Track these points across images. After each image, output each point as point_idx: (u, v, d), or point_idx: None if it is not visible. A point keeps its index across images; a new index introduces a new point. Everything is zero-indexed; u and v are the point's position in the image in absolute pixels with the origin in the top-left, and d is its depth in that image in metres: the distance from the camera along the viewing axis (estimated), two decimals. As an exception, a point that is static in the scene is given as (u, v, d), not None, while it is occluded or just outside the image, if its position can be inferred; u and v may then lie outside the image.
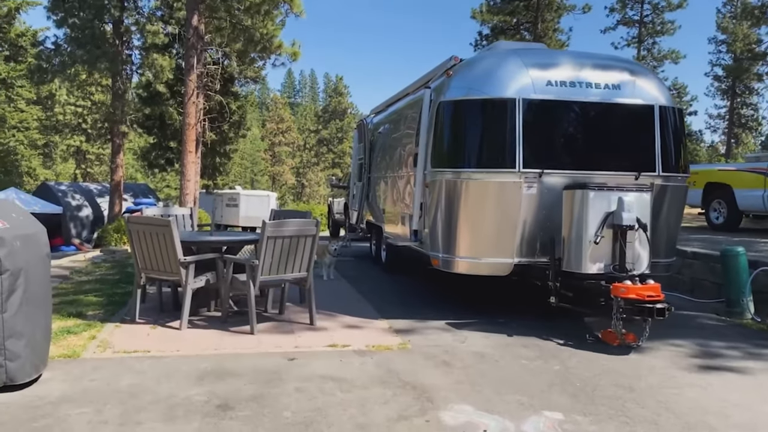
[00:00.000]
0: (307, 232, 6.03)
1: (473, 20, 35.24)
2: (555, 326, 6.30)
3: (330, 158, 65.87)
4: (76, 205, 22.48)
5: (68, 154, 44.83)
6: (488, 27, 35.76)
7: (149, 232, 6.01)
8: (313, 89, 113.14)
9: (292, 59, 22.78)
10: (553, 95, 6.33)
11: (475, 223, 6.42)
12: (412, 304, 7.38)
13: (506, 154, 6.28)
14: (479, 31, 36.08)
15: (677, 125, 6.65)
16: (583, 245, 5.77)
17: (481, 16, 35.26)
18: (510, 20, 35.56)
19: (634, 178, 6.37)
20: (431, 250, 6.81)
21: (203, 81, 19.03)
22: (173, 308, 6.78)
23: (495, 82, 6.37)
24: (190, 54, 17.93)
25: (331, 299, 7.49)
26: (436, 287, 8.59)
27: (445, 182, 6.57)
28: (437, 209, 6.70)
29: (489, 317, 6.68)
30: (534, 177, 6.24)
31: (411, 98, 8.44)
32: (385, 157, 9.65)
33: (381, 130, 10.24)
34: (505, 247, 6.34)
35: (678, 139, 6.65)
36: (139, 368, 4.74)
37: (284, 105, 71.44)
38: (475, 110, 6.48)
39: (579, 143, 6.43)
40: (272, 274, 5.95)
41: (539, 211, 6.31)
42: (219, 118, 21.56)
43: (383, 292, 8.18)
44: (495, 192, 6.31)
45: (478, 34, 35.85)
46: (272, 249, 5.83)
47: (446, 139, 6.74)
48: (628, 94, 6.48)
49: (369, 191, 10.67)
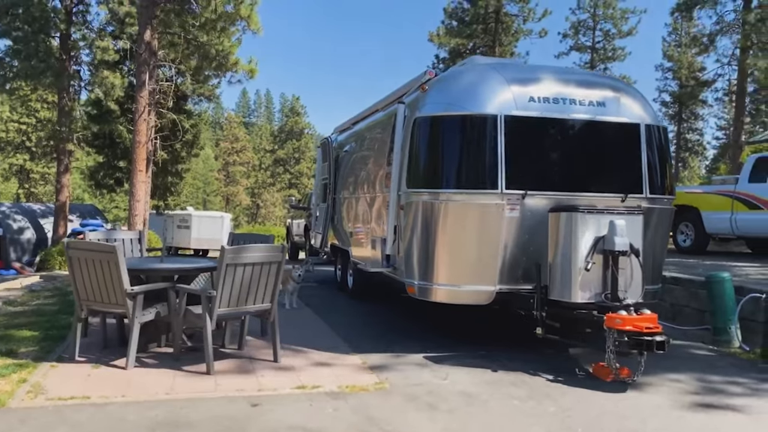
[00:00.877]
0: (271, 259, 5.44)
1: (431, 43, 35.29)
2: (541, 359, 5.85)
3: (286, 179, 65.00)
4: (17, 227, 21.19)
5: (10, 173, 42.85)
6: (446, 50, 35.88)
7: (91, 259, 5.32)
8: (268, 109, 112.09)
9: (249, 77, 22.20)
10: (536, 112, 5.96)
11: (454, 247, 5.96)
12: (385, 336, 6.83)
13: (487, 174, 5.85)
14: (436, 54, 36.16)
15: (663, 144, 6.36)
16: (571, 272, 5.35)
17: (438, 39, 35.33)
18: (467, 43, 35.77)
19: (620, 200, 6.03)
20: (406, 277, 6.31)
21: (155, 98, 18.30)
22: (119, 343, 6.05)
23: (475, 97, 5.96)
24: (142, 70, 17.23)
25: (295, 331, 6.87)
26: (410, 316, 8.06)
27: (422, 204, 6.10)
28: (413, 233, 6.21)
29: (469, 349, 6.19)
30: (517, 199, 5.82)
31: (382, 114, 7.98)
32: (352, 177, 9.14)
33: (347, 148, 9.73)
34: (486, 273, 5.88)
35: (664, 159, 6.36)
36: (76, 420, 4.05)
37: (239, 124, 70.34)
38: (453, 127, 6.05)
39: (563, 163, 6.05)
40: (231, 306, 5.33)
41: (522, 235, 5.89)
42: (171, 137, 20.80)
43: (353, 322, 7.61)
44: (476, 215, 5.87)
45: (435, 57, 35.94)
46: (232, 278, 5.22)
47: (422, 157, 6.28)
48: (613, 111, 6.15)
49: (334, 213, 10.12)
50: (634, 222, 5.42)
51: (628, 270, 5.35)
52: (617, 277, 5.28)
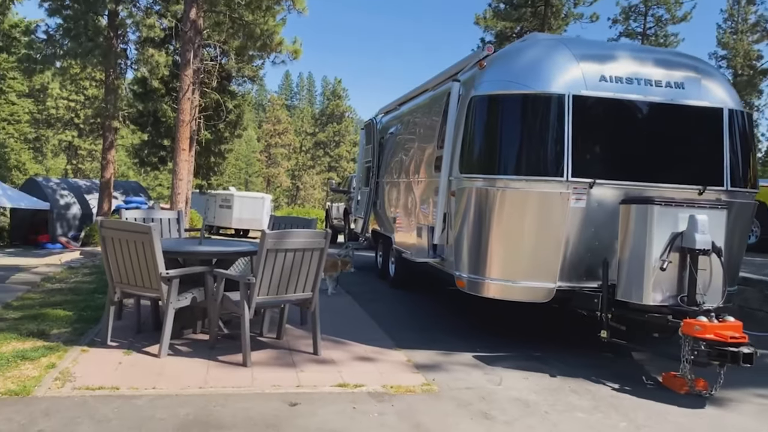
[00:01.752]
0: (314, 246, 5.06)
1: (476, 26, 34.41)
2: (602, 365, 5.35)
3: (326, 162, 64.95)
4: (64, 202, 21.48)
5: (59, 149, 43.79)
6: (492, 34, 34.93)
7: (125, 240, 5.03)
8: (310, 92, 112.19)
9: (293, 57, 21.92)
10: (608, 92, 5.40)
11: (511, 239, 5.48)
12: (431, 331, 6.41)
13: (551, 160, 5.34)
14: (482, 37, 35.21)
15: (747, 132, 5.73)
16: (644, 271, 4.82)
17: (485, 22, 34.41)
18: (514, 27, 34.75)
19: (697, 193, 5.45)
20: (456, 270, 5.86)
21: (199, 77, 18.19)
22: (153, 328, 5.80)
23: (540, 74, 5.43)
24: (187, 48, 17.15)
25: (335, 321, 6.51)
26: (454, 310, 7.62)
27: (476, 191, 5.63)
28: (464, 222, 5.75)
29: (522, 350, 5.72)
30: (583, 188, 5.30)
31: (432, 94, 7.49)
32: (397, 160, 8.70)
33: (392, 130, 9.28)
34: (545, 269, 5.39)
35: (747, 148, 5.73)
36: (102, 414, 3.75)
37: (281, 106, 70.44)
38: (514, 107, 5.54)
39: (635, 150, 5.49)
40: (271, 294, 4.98)
41: (587, 228, 5.38)
42: (215, 117, 20.70)
43: (395, 313, 7.21)
44: (536, 204, 5.37)
45: (481, 41, 35.01)
46: (272, 264, 4.86)
47: (478, 140, 5.80)
48: (693, 94, 5.55)
49: (377, 198, 9.70)
50: (717, 217, 4.85)
51: (708, 271, 4.79)
52: (696, 278, 4.73)
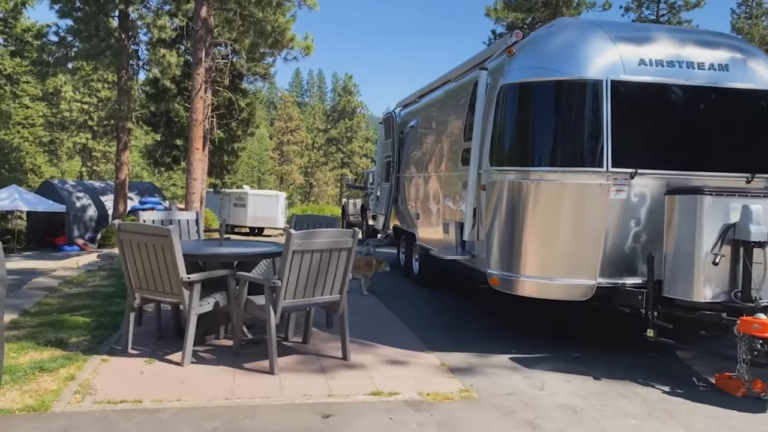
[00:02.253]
0: (341, 245, 4.81)
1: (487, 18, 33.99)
2: (648, 366, 5.06)
3: (339, 158, 64.74)
4: (79, 205, 21.51)
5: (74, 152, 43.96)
6: (503, 25, 34.47)
7: (144, 243, 4.81)
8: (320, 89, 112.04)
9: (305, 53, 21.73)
10: (648, 77, 5.09)
11: (547, 235, 5.19)
12: (461, 331, 6.15)
13: (590, 150, 5.05)
14: (493, 29, 34.77)
15: (796, 116, 5.39)
16: (694, 266, 4.52)
17: (495, 13, 34.00)
18: (526, 17, 34.28)
19: (745, 181, 5.13)
20: (488, 267, 5.58)
21: (211, 76, 18.06)
22: (175, 333, 5.58)
23: (575, 58, 5.13)
24: (198, 47, 17.05)
25: (361, 321, 6.26)
26: (484, 308, 7.35)
27: (508, 184, 5.35)
28: (496, 217, 5.47)
29: (561, 350, 5.45)
30: (624, 178, 5.01)
31: (457, 84, 7.20)
32: (419, 154, 8.43)
33: (413, 123, 9.00)
34: (585, 265, 5.10)
35: (796, 133, 5.39)
36: (125, 429, 3.53)
37: (293, 104, 70.32)
38: (548, 94, 5.25)
39: (678, 137, 5.18)
40: (298, 297, 4.74)
41: (629, 221, 5.09)
42: (227, 115, 20.60)
43: (422, 313, 6.95)
44: (574, 196, 5.08)
45: (492, 33, 34.59)
46: (299, 266, 4.62)
47: (509, 131, 5.51)
48: (738, 77, 5.23)
49: (398, 193, 9.44)
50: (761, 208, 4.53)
51: (764, 264, 4.47)
52: (750, 272, 4.42)
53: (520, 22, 33.67)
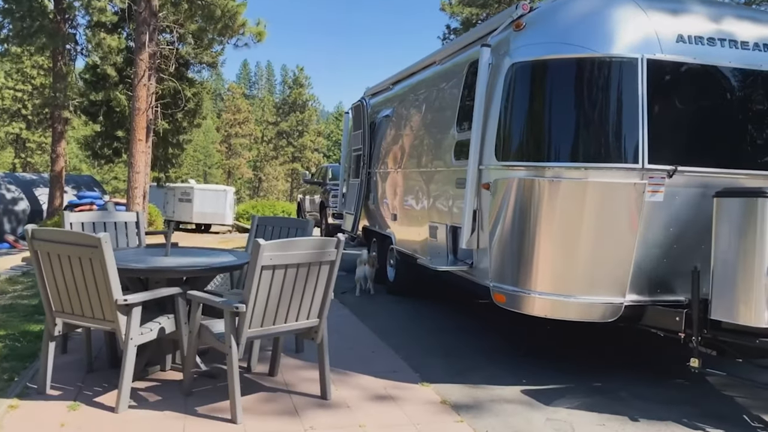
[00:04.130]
0: (323, 258, 3.83)
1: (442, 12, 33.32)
2: (685, 399, 4.28)
3: (290, 152, 63.25)
4: (10, 198, 19.77)
5: (6, 142, 41.22)
6: (458, 20, 33.82)
7: (68, 255, 3.71)
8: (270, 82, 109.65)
9: (257, 40, 20.60)
10: (688, 56, 4.29)
11: (566, 243, 4.34)
12: (457, 354, 5.24)
13: (622, 142, 4.22)
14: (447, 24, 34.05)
15: None
16: (754, 283, 3.73)
17: (450, 8, 33.30)
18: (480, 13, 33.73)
19: (795, 181, 4.40)
20: (493, 280, 4.70)
21: (156, 62, 16.82)
22: (108, 364, 4.49)
23: (603, 31, 4.29)
24: (142, 30, 15.87)
25: (334, 342, 5.29)
26: (480, 324, 6.42)
27: (518, 183, 4.47)
28: (502, 221, 4.59)
29: (580, 380, 4.61)
30: (662, 177, 4.19)
31: (445, 66, 6.28)
32: (397, 147, 7.48)
33: (387, 112, 8.05)
34: (611, 280, 4.27)
35: None
36: None
37: (241, 95, 68.24)
38: (569, 74, 4.39)
39: (721, 128, 4.41)
40: (267, 324, 3.74)
41: (666, 228, 4.28)
42: (173, 105, 19.30)
43: (406, 330, 6.01)
44: (600, 198, 4.24)
45: (447, 28, 33.92)
46: (269, 286, 3.62)
47: (521, 119, 4.63)
48: (783, 58, 4.49)
49: (370, 191, 8.47)
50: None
51: (838, 282, 3.73)
52: (822, 292, 3.67)
53: (475, 17, 33.13)
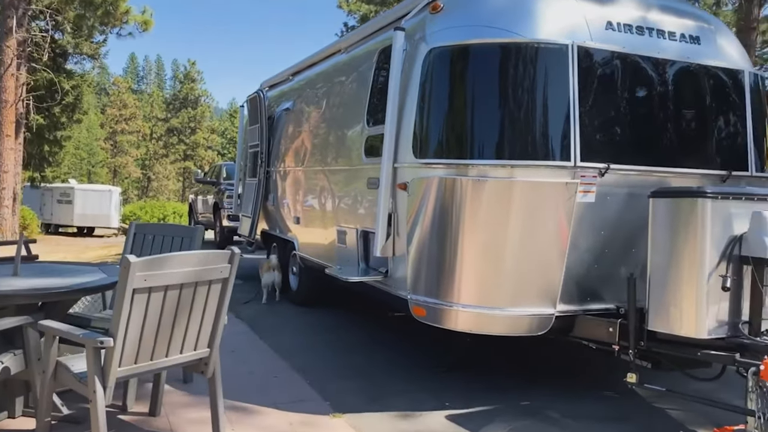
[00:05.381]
0: (213, 275, 3.14)
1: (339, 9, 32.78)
2: (625, 416, 3.96)
3: (181, 150, 60.41)
4: None
5: None
6: (356, 18, 33.42)
7: None
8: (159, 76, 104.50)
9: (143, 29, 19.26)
10: (617, 46, 3.98)
11: (492, 250, 3.90)
12: (372, 375, 4.67)
13: (552, 138, 3.83)
14: (345, 22, 33.56)
15: (764, 101, 4.59)
16: (695, 291, 3.44)
17: (348, 6, 32.85)
18: (379, 10, 33.51)
19: (721, 180, 4.21)
20: (411, 292, 4.19)
21: (26, 50, 15.20)
22: (-62, 413, 3.55)
23: (530, 15, 3.88)
24: (8, 14, 14.38)
25: (233, 366, 4.59)
26: (395, 336, 5.86)
27: (439, 183, 3.99)
28: (421, 226, 4.09)
29: (507, 398, 4.19)
30: (594, 176, 3.85)
31: (351, 55, 5.69)
32: (299, 144, 6.82)
33: (288, 106, 7.36)
34: (542, 289, 3.88)
35: (766, 123, 4.59)
36: None
37: (127, 89, 64.32)
38: (493, 61, 3.95)
39: (655, 125, 4.13)
40: (142, 360, 3.00)
41: (597, 231, 3.94)
42: (48, 99, 17.54)
43: (313, 348, 5.37)
44: (529, 199, 3.83)
45: (344, 26, 33.44)
46: (143, 313, 2.89)
47: (440, 111, 4.14)
48: (711, 52, 4.30)
49: (269, 191, 7.74)
50: (779, 214, 3.58)
51: (777, 287, 3.52)
52: (763, 298, 3.44)
53: (373, 14, 32.86)
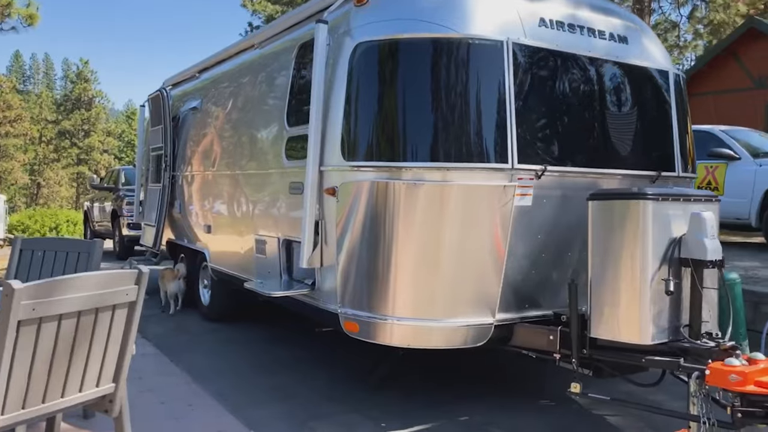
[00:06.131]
0: (116, 299, 2.69)
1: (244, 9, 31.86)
2: (568, 427, 3.82)
3: (74, 154, 56.77)
4: None
5: None
6: (261, 18, 32.67)
7: None
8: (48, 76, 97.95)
9: (27, 23, 17.85)
10: (552, 43, 3.85)
11: (428, 258, 3.67)
12: (297, 394, 4.29)
13: (489, 139, 3.64)
14: (249, 22, 32.67)
15: (686, 102, 4.63)
16: (639, 295, 3.34)
17: (252, 5, 32.02)
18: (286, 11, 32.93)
19: (650, 180, 4.19)
20: (341, 305, 3.88)
21: None
22: None
23: (462, 8, 3.67)
24: None
25: (141, 396, 4.09)
26: (319, 350, 5.50)
27: (371, 187, 3.71)
28: (352, 234, 3.80)
29: (444, 413, 3.95)
30: (530, 178, 3.69)
31: (271, 48, 5.25)
32: (209, 146, 6.31)
33: (195, 105, 6.82)
34: (480, 298, 3.69)
35: (688, 124, 4.63)
36: None
37: (12, 89, 59.67)
38: (425, 58, 3.70)
39: (590, 125, 4.03)
40: (32, 404, 2.51)
41: (534, 235, 3.79)
42: None
43: (232, 370, 4.90)
44: (465, 203, 3.62)
45: (249, 25, 32.55)
46: (32, 349, 2.41)
47: (370, 111, 3.85)
48: (636, 52, 4.27)
49: (175, 198, 7.15)
50: (714, 216, 3.56)
51: (715, 291, 3.49)
52: (701, 302, 3.39)
53: (279, 15, 32.20)
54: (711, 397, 3.27)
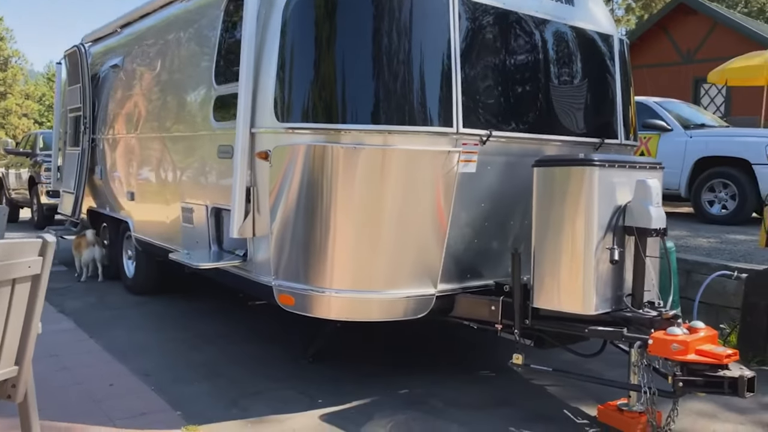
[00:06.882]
0: (17, 272, 2.37)
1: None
2: (508, 400, 3.74)
3: (-11, 118, 53.33)
4: None
5: None
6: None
7: None
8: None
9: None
10: (498, 2, 3.66)
11: (367, 226, 3.47)
12: (227, 374, 4.04)
13: (433, 100, 3.44)
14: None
15: (629, 68, 4.56)
16: (583, 265, 3.26)
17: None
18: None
19: (594, 147, 4.12)
20: (275, 278, 3.64)
21: None
22: None
23: (406, -41, 3.43)
24: None
25: (57, 375, 3.76)
26: (249, 323, 5.26)
27: (307, 151, 3.46)
28: (287, 201, 3.56)
29: (382, 388, 3.81)
30: (475, 143, 3.53)
31: (192, 2, 4.88)
32: (132, 107, 5.85)
33: (116, 62, 6.30)
34: (422, 268, 3.54)
35: (631, 91, 4.57)
36: None
37: None
38: (365, 10, 3.46)
39: (531, 89, 3.89)
40: None
41: (478, 203, 3.66)
42: None
43: (157, 346, 4.60)
44: (407, 169, 3.43)
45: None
46: None
47: (305, 68, 3.57)
48: (583, 15, 4.15)
49: (96, 163, 6.65)
50: (659, 183, 3.50)
51: (657, 260, 3.45)
52: (645, 271, 3.35)
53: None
54: (651, 367, 3.27)
